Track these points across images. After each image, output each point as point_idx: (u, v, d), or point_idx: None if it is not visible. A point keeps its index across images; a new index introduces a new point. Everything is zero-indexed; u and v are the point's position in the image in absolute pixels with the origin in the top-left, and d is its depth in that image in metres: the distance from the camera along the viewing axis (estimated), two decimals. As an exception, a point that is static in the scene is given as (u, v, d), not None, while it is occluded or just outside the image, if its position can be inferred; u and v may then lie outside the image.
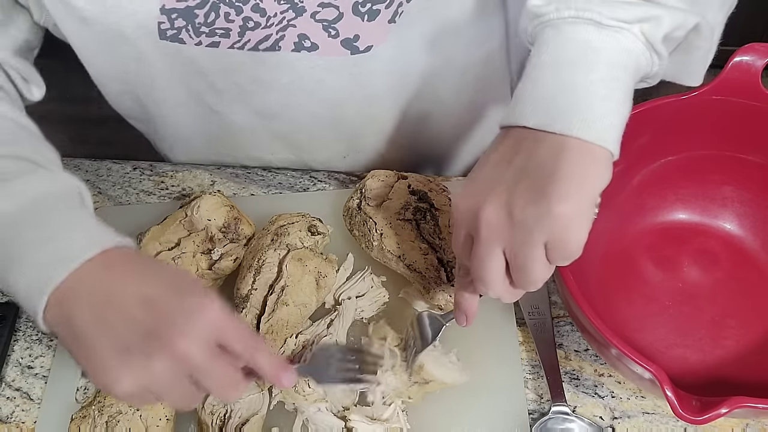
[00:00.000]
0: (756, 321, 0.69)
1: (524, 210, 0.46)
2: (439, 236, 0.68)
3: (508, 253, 0.48)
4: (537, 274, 0.48)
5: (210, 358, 0.48)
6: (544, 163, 0.47)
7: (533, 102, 0.49)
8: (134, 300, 0.47)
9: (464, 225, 0.50)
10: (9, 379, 0.69)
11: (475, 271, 0.50)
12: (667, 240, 0.74)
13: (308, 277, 0.66)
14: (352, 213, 0.71)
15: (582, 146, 0.47)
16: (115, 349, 0.46)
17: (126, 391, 0.46)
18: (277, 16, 0.65)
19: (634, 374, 0.55)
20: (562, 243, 0.46)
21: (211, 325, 0.48)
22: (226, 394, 0.50)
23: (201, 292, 0.49)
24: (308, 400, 0.62)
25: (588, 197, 0.46)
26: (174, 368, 0.47)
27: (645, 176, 0.72)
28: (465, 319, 0.57)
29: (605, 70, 0.48)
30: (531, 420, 0.63)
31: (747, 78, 0.64)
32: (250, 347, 0.50)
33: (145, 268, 0.51)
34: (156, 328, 0.46)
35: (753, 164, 0.70)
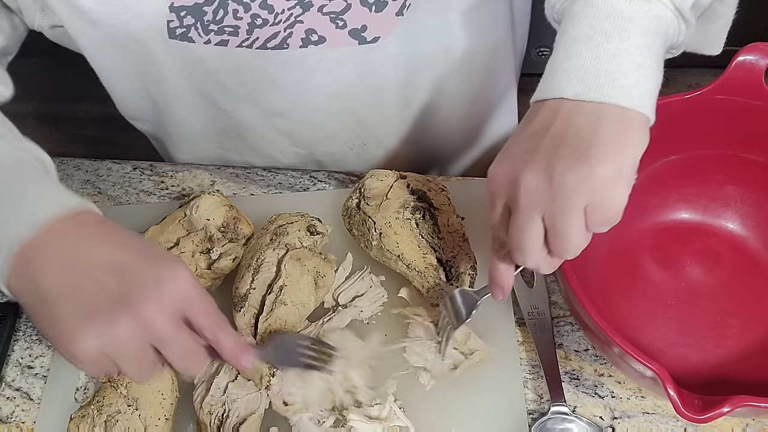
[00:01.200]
0: (758, 320, 0.68)
1: (565, 174, 0.46)
2: (438, 236, 0.68)
3: (547, 220, 0.48)
4: (576, 240, 0.48)
5: (174, 327, 0.47)
6: (583, 129, 0.47)
7: (569, 73, 0.49)
8: (106, 265, 0.47)
9: (502, 195, 0.50)
10: (9, 379, 0.69)
11: (514, 240, 0.50)
12: (669, 239, 0.74)
13: (307, 277, 0.66)
14: (351, 212, 0.71)
15: (620, 112, 0.47)
16: (81, 312, 0.46)
17: (86, 352, 0.45)
18: (285, 13, 0.66)
19: (636, 373, 0.55)
20: (603, 206, 0.46)
21: (180, 295, 0.47)
22: (187, 366, 0.49)
23: (173, 262, 0.49)
24: (289, 411, 0.62)
25: (628, 160, 0.47)
26: (137, 334, 0.46)
27: (647, 175, 0.72)
28: (501, 293, 0.56)
29: (638, 38, 0.49)
30: (530, 420, 0.63)
31: (750, 77, 0.64)
32: (215, 324, 0.50)
33: (117, 234, 0.50)
34: (125, 294, 0.46)
35: (756, 164, 0.70)
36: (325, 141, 0.83)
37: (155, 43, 0.68)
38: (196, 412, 0.63)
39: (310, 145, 0.83)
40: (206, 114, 0.79)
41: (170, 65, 0.71)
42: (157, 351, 0.48)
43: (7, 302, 0.74)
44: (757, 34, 1.77)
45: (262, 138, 0.82)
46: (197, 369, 0.50)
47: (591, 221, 0.47)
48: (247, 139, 0.83)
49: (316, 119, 0.79)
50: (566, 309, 0.70)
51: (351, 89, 0.74)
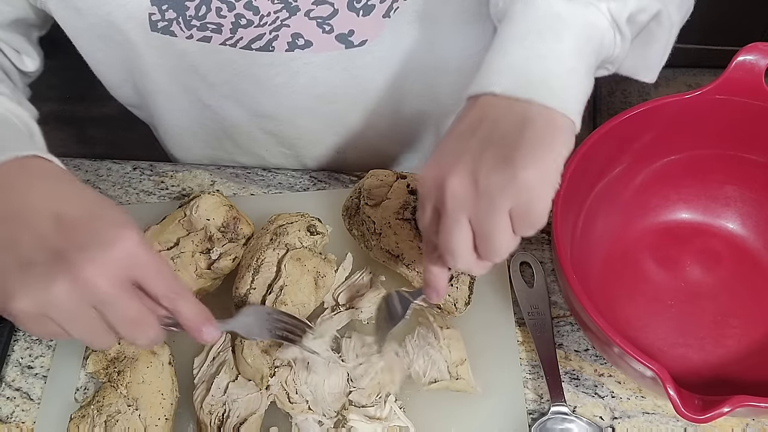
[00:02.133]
0: (758, 320, 0.68)
1: (489, 177, 0.46)
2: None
3: (474, 224, 0.48)
4: (502, 244, 0.47)
5: (118, 290, 0.45)
6: (509, 131, 0.47)
7: (501, 70, 0.49)
8: (47, 216, 0.45)
9: (431, 198, 0.49)
10: (9, 379, 0.69)
11: (443, 243, 0.49)
12: (669, 239, 0.74)
13: (307, 277, 0.66)
14: (351, 213, 0.71)
15: (547, 115, 0.47)
16: (17, 264, 0.44)
17: (22, 309, 0.43)
18: (271, 16, 0.65)
19: (636, 373, 0.55)
20: (528, 210, 0.46)
21: (126, 258, 0.45)
22: (133, 333, 0.47)
23: (122, 222, 0.46)
24: (295, 409, 0.62)
25: (553, 164, 0.46)
26: (75, 294, 0.43)
27: (647, 175, 0.72)
28: (436, 295, 0.56)
29: (573, 41, 0.49)
30: (530, 420, 0.63)
31: (750, 77, 0.64)
32: (171, 291, 0.48)
33: (67, 186, 0.48)
34: (64, 250, 0.44)
35: (756, 164, 0.70)
36: (311, 143, 0.83)
37: (137, 35, 0.67)
38: (197, 412, 0.63)
39: (295, 146, 0.83)
40: (190, 110, 0.79)
41: (153, 58, 0.71)
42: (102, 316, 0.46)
43: (7, 302, 0.74)
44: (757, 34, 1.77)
45: (248, 136, 0.82)
46: (145, 336, 0.47)
47: (516, 225, 0.47)
48: (233, 136, 0.82)
49: (303, 121, 0.78)
50: (566, 309, 0.70)
51: (338, 92, 0.74)
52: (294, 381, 0.62)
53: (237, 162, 0.87)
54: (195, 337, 0.50)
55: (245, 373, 0.63)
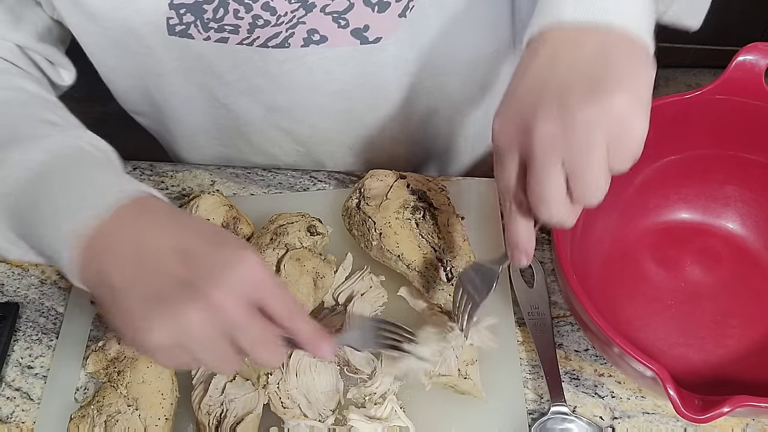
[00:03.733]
0: (758, 320, 0.68)
1: (581, 109, 0.42)
2: (438, 235, 0.68)
3: (568, 165, 0.44)
4: (600, 181, 0.44)
5: (247, 314, 0.45)
6: (592, 59, 0.44)
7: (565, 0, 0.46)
8: (169, 252, 0.45)
9: (513, 148, 0.46)
10: (9, 379, 0.69)
11: (535, 194, 0.46)
12: (669, 239, 0.74)
13: (306, 278, 0.66)
14: (351, 212, 0.71)
15: (622, 39, 0.45)
16: (148, 299, 0.44)
17: (157, 342, 0.44)
18: (287, 15, 0.65)
19: (636, 373, 0.55)
20: (626, 138, 0.43)
21: (251, 278, 0.45)
22: (264, 356, 0.46)
23: (240, 245, 0.46)
24: (287, 415, 0.62)
25: (644, 87, 0.44)
26: (209, 320, 0.44)
27: (647, 175, 0.72)
28: (526, 257, 0.51)
29: None
30: (530, 420, 0.63)
31: (750, 77, 0.64)
32: (290, 311, 0.48)
33: (179, 219, 0.48)
34: (192, 279, 0.44)
35: (756, 164, 0.70)
36: (325, 140, 0.83)
37: (154, 39, 0.68)
38: (195, 413, 0.63)
39: (309, 143, 0.83)
40: (206, 109, 0.79)
41: (169, 61, 0.71)
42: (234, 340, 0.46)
43: (7, 302, 0.74)
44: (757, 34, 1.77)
45: (261, 134, 0.82)
46: (275, 359, 0.47)
47: (613, 158, 0.43)
48: (246, 135, 0.83)
49: (316, 117, 0.79)
50: (566, 309, 0.70)
51: (351, 89, 0.74)
52: (285, 386, 0.62)
53: (249, 162, 0.87)
54: (314, 354, 0.51)
55: (242, 372, 0.63)
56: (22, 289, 0.75)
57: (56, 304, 0.74)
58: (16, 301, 0.74)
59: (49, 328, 0.72)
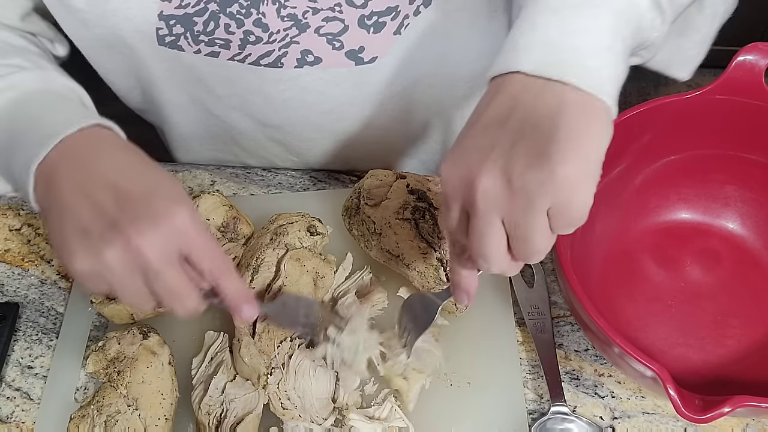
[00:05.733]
0: (758, 320, 0.68)
1: (524, 175, 0.42)
2: (438, 235, 0.68)
3: (508, 224, 0.44)
4: (540, 244, 0.44)
5: (163, 262, 0.48)
6: (542, 121, 0.42)
7: (530, 46, 0.45)
8: (107, 188, 0.49)
9: (458, 198, 0.46)
10: (9, 379, 0.69)
11: (475, 247, 0.46)
12: (669, 239, 0.74)
13: (306, 278, 0.66)
14: (351, 213, 0.71)
15: (582, 100, 0.43)
16: (78, 230, 0.48)
17: (80, 269, 0.48)
18: (280, 33, 0.65)
19: (637, 373, 0.55)
20: (568, 208, 0.42)
21: (175, 232, 0.48)
22: (173, 303, 0.50)
23: (175, 198, 0.49)
24: (286, 416, 0.62)
25: (593, 156, 0.42)
26: (126, 260, 0.47)
27: (647, 175, 0.72)
28: (467, 297, 0.52)
29: (610, 18, 0.45)
30: (530, 420, 0.63)
31: (750, 77, 0.64)
32: (218, 268, 0.50)
33: (127, 156, 0.52)
34: (117, 220, 0.47)
35: (756, 163, 0.70)
36: (319, 153, 0.82)
37: (144, 48, 0.68)
38: (195, 413, 0.63)
39: (304, 155, 0.83)
40: (198, 118, 0.79)
41: (160, 71, 0.71)
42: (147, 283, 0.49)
43: (7, 302, 0.74)
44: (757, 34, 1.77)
45: (255, 143, 0.82)
46: (183, 308, 0.50)
47: (555, 223, 0.43)
48: (241, 143, 0.82)
49: (311, 134, 0.78)
50: (566, 309, 0.70)
51: (346, 108, 0.73)
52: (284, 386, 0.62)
53: (244, 163, 0.87)
54: (235, 313, 0.54)
55: (242, 372, 0.63)
56: (22, 289, 0.75)
57: (56, 304, 0.74)
58: (16, 301, 0.74)
59: (49, 328, 0.72)
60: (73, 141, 0.51)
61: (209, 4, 0.63)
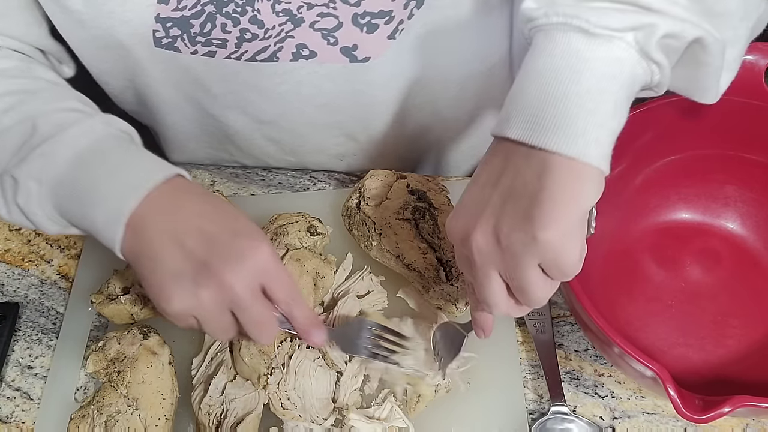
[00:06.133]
0: (758, 320, 0.68)
1: (509, 236, 0.45)
2: (438, 236, 0.68)
3: (504, 277, 0.48)
4: (539, 294, 0.47)
5: (251, 296, 0.52)
6: (529, 183, 0.45)
7: (517, 112, 0.47)
8: (194, 233, 0.52)
9: (462, 249, 0.50)
10: (9, 379, 0.69)
11: (478, 294, 0.50)
12: (669, 239, 0.74)
13: (306, 278, 0.66)
14: (351, 213, 0.71)
15: (566, 164, 0.44)
16: (171, 274, 0.52)
17: (175, 310, 0.52)
18: (275, 28, 0.65)
19: (637, 373, 0.55)
20: (556, 264, 0.45)
21: (259, 267, 0.52)
22: (258, 333, 0.54)
23: (255, 236, 0.53)
24: (286, 416, 0.62)
25: (574, 218, 0.44)
26: (218, 298, 0.51)
27: (647, 175, 0.72)
28: (483, 333, 0.57)
29: (593, 81, 0.45)
30: (530, 420, 0.63)
31: (750, 77, 0.64)
32: (290, 297, 0.55)
33: (206, 200, 0.55)
34: (209, 262, 0.51)
35: (756, 163, 0.70)
36: (314, 151, 0.82)
37: (141, 50, 0.68)
38: (195, 413, 0.63)
39: (299, 153, 0.83)
40: (194, 118, 0.79)
41: (157, 72, 0.71)
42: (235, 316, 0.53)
43: (7, 302, 0.74)
44: (757, 34, 1.76)
45: (251, 143, 0.82)
46: (268, 337, 0.55)
47: (550, 274, 0.46)
48: (236, 142, 0.82)
49: (305, 130, 0.78)
50: (566, 309, 0.70)
51: (341, 103, 0.73)
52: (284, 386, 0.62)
53: (239, 163, 0.87)
54: (305, 339, 0.58)
55: (242, 372, 0.63)
56: (22, 289, 0.75)
57: (56, 304, 0.74)
58: (16, 301, 0.74)
59: (49, 328, 0.72)
60: (158, 193, 0.53)
61: (206, 5, 0.64)
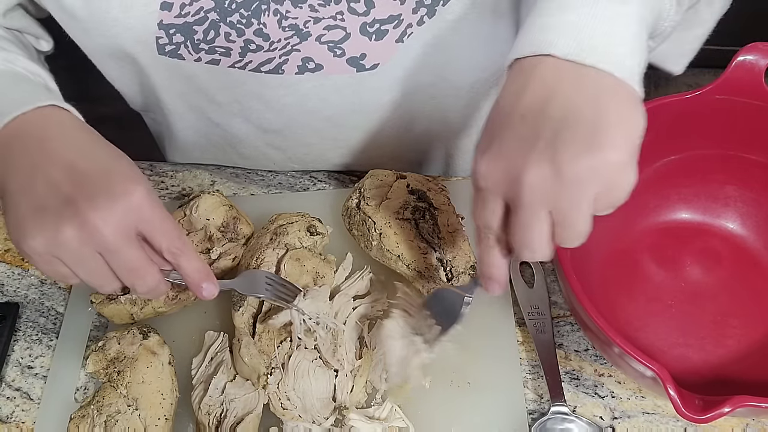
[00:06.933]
0: (758, 320, 0.68)
1: (576, 165, 0.42)
2: (438, 235, 0.68)
3: (555, 214, 0.44)
4: (585, 227, 0.45)
5: (120, 239, 0.48)
6: (584, 109, 0.43)
7: (561, 28, 0.44)
8: (62, 166, 0.48)
9: (498, 192, 0.45)
10: (9, 379, 0.69)
11: (519, 238, 0.46)
12: (669, 239, 0.74)
13: (306, 277, 0.66)
14: (351, 212, 0.71)
15: (618, 86, 0.44)
16: (32, 208, 0.48)
17: (34, 248, 0.47)
18: (281, 42, 0.65)
19: (637, 373, 0.55)
20: (615, 191, 0.43)
21: (132, 211, 0.48)
22: (133, 280, 0.50)
23: (131, 177, 0.49)
24: (286, 416, 0.62)
25: (636, 140, 0.43)
26: (82, 239, 0.47)
27: (647, 176, 0.72)
28: (499, 287, 0.51)
29: (637, 6, 0.45)
30: (530, 420, 0.63)
31: (750, 77, 0.64)
32: (174, 246, 0.50)
33: (83, 137, 0.51)
34: (74, 198, 0.47)
35: (756, 164, 0.70)
36: (319, 159, 0.82)
37: (145, 58, 0.68)
38: (195, 413, 0.63)
39: (303, 161, 0.83)
40: (199, 126, 0.79)
41: (161, 79, 0.71)
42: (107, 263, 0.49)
43: (7, 302, 0.74)
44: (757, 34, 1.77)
45: (255, 150, 0.82)
46: (144, 284, 0.50)
47: (599, 206, 0.44)
48: (240, 151, 0.83)
49: (310, 140, 0.78)
50: (566, 309, 0.70)
51: (347, 114, 0.73)
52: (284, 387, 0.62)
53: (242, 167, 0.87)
54: (195, 292, 0.54)
55: (242, 372, 0.63)
56: (22, 289, 0.75)
57: (56, 304, 0.74)
58: (16, 301, 0.74)
59: (49, 328, 0.72)
60: (28, 120, 0.50)
61: (209, 12, 0.63)
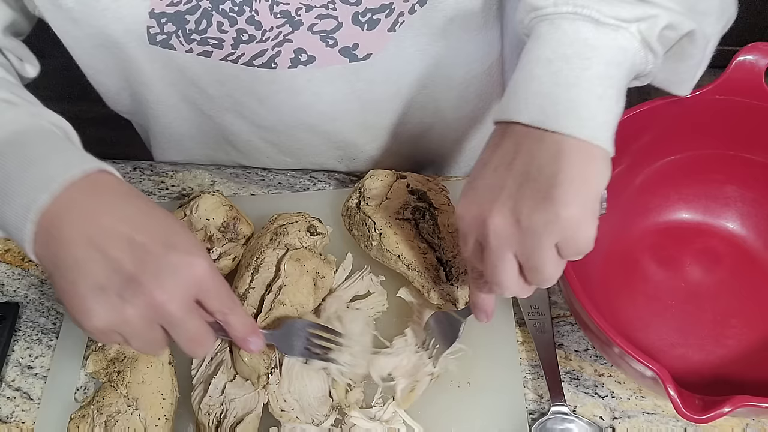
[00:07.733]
0: (758, 320, 0.68)
1: (531, 217, 0.46)
2: (438, 235, 0.68)
3: (520, 257, 0.48)
4: (551, 272, 0.48)
5: (186, 313, 0.49)
6: (545, 166, 0.46)
7: (527, 98, 0.49)
8: (120, 239, 0.47)
9: (472, 233, 0.50)
10: (9, 379, 0.69)
11: (489, 276, 0.51)
12: (669, 239, 0.74)
13: (306, 278, 0.66)
14: (351, 213, 0.71)
15: (579, 146, 0.47)
16: (92, 287, 0.47)
17: (96, 327, 0.47)
18: (273, 30, 0.64)
19: (637, 373, 0.55)
20: (573, 242, 0.46)
21: (195, 285, 0.49)
22: (193, 349, 0.51)
23: (190, 247, 0.49)
24: (283, 418, 0.62)
25: (592, 196, 0.46)
26: (147, 316, 0.48)
27: (648, 176, 0.72)
28: (486, 316, 0.58)
29: (601, 67, 0.48)
30: (530, 420, 0.63)
31: (750, 77, 0.64)
32: (225, 307, 0.52)
33: (134, 203, 0.50)
34: (137, 275, 0.47)
35: (756, 163, 0.70)
36: (313, 153, 0.82)
37: (135, 48, 0.67)
38: (195, 413, 0.62)
39: (297, 155, 0.83)
40: (191, 118, 0.78)
41: (152, 70, 0.70)
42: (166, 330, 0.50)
43: (7, 302, 0.74)
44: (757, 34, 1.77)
45: (248, 144, 0.81)
46: (203, 352, 0.52)
47: (563, 253, 0.47)
48: (233, 143, 0.82)
49: (304, 135, 0.78)
50: (566, 309, 0.70)
51: (340, 108, 0.73)
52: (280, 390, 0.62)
53: (237, 163, 0.87)
54: (242, 346, 0.56)
55: (242, 372, 0.63)
56: (22, 289, 0.75)
57: (56, 304, 0.74)
58: (16, 301, 0.74)
59: (49, 328, 0.72)
60: (76, 189, 0.48)
61: (201, 1, 0.63)
